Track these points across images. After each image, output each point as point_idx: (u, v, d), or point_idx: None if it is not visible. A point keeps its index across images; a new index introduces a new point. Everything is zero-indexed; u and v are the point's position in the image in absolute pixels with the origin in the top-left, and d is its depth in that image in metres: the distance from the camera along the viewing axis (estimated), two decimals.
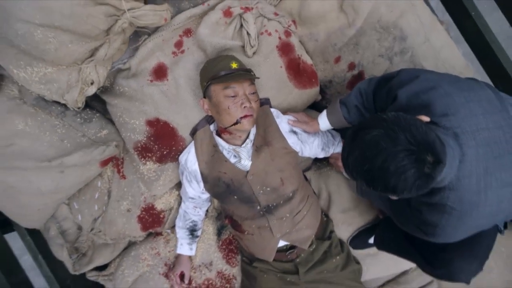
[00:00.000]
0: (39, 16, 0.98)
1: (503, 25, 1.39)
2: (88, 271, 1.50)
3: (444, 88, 0.82)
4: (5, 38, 1.02)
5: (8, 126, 1.18)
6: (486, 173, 0.77)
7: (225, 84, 1.02)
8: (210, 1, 1.13)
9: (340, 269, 1.29)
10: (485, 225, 0.85)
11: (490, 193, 0.77)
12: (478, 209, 0.78)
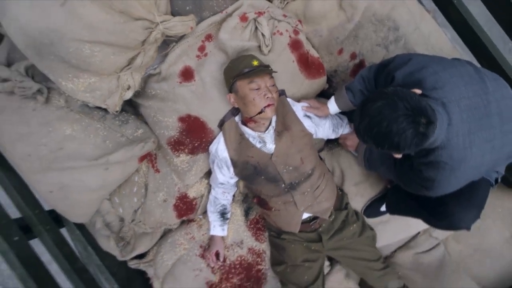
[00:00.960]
0: (87, 34, 1.19)
1: (483, 8, 1.62)
2: (130, 259, 1.71)
3: (432, 67, 1.04)
4: (58, 55, 1.23)
5: (58, 132, 1.39)
6: (469, 133, 0.99)
7: (249, 79, 1.23)
8: (228, 9, 1.35)
9: (358, 235, 1.51)
10: (473, 176, 1.07)
11: (474, 149, 0.99)
12: (466, 162, 1.00)
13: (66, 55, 1.22)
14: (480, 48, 1.52)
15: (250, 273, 1.58)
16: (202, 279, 1.60)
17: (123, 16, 1.18)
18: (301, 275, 1.44)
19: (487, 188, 1.19)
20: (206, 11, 1.35)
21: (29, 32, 1.20)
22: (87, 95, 1.34)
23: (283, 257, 1.48)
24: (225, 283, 1.59)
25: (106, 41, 1.20)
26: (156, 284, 1.66)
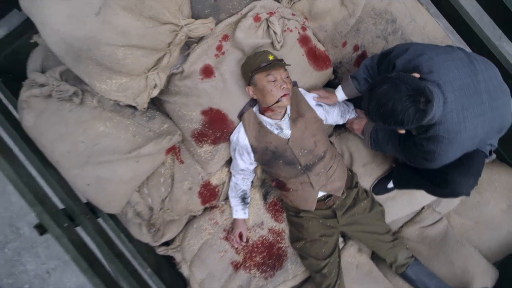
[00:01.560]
0: (121, 39, 1.35)
1: None
2: (158, 247, 1.88)
3: (428, 54, 1.21)
4: (94, 60, 1.39)
5: (93, 130, 1.54)
6: (463, 109, 1.16)
7: (266, 72, 1.39)
8: (242, 10, 1.51)
9: (368, 211, 1.68)
10: (468, 147, 1.24)
11: (467, 123, 1.16)
12: (461, 135, 1.17)
13: (101, 59, 1.38)
14: (471, 35, 1.69)
15: (271, 251, 1.74)
16: (227, 260, 1.77)
17: (152, 21, 1.34)
18: (319, 249, 1.60)
19: (482, 159, 1.36)
20: (222, 13, 1.51)
21: (68, 41, 1.35)
22: (119, 95, 1.50)
23: (301, 233, 1.64)
24: (249, 262, 1.75)
25: (137, 45, 1.36)
26: (185, 268, 1.82)
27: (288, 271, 1.74)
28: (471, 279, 1.80)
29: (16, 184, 1.31)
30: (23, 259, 2.97)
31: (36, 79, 1.57)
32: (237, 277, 1.75)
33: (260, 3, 1.52)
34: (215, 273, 1.77)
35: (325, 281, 1.58)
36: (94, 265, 1.35)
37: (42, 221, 1.31)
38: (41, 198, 1.35)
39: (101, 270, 1.37)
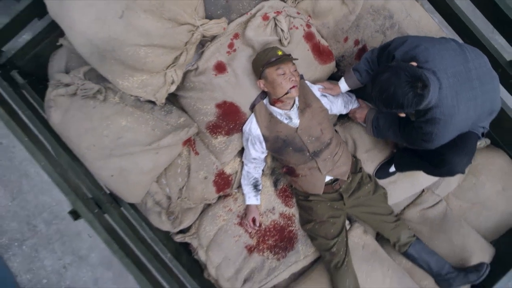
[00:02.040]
0: (143, 40, 1.48)
1: None
2: (175, 234, 2.01)
3: (423, 45, 1.34)
4: (118, 59, 1.52)
5: (116, 124, 1.67)
6: (456, 94, 1.29)
7: (276, 66, 1.52)
8: (251, 10, 1.65)
9: (372, 193, 1.81)
10: (462, 128, 1.37)
11: (461, 106, 1.29)
12: (455, 117, 1.30)
13: (125, 58, 1.51)
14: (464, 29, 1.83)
15: (283, 234, 1.87)
16: (241, 244, 1.89)
17: (171, 22, 1.47)
18: (328, 229, 1.74)
19: (475, 140, 1.49)
20: (233, 14, 1.64)
21: (94, 42, 1.49)
22: (140, 91, 1.63)
23: (311, 216, 1.78)
24: (262, 245, 1.88)
25: (158, 44, 1.49)
26: (201, 253, 1.95)
27: (299, 252, 1.87)
28: (470, 256, 1.93)
29: (51, 174, 1.44)
30: (40, 255, 3.09)
31: (61, 79, 1.70)
32: (251, 259, 1.88)
33: (268, 3, 1.65)
34: (230, 256, 1.89)
35: (334, 258, 1.71)
36: (123, 247, 1.47)
37: (76, 208, 1.44)
38: (73, 187, 1.48)
39: (130, 252, 1.50)
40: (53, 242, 3.11)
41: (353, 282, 1.71)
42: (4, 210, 3.08)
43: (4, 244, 3.06)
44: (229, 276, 1.89)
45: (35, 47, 1.88)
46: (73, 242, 3.12)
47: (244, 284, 1.88)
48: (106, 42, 1.48)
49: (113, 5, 1.44)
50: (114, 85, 1.64)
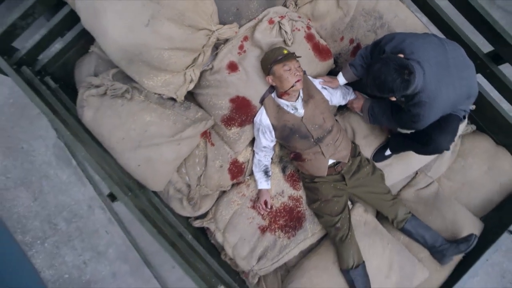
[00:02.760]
0: (167, 44, 1.71)
1: None
2: (193, 219, 2.22)
3: (409, 40, 1.58)
4: (145, 61, 1.75)
5: (142, 119, 1.90)
6: (438, 80, 1.53)
7: (283, 63, 1.76)
8: (259, 16, 1.89)
9: (371, 174, 2.03)
10: (445, 109, 1.61)
11: (442, 89, 1.53)
12: (438, 99, 1.53)
13: (151, 61, 1.75)
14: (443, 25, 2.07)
15: (292, 214, 2.09)
16: (255, 225, 2.11)
17: (191, 28, 1.71)
18: (333, 207, 1.96)
19: (457, 121, 1.73)
20: (243, 19, 1.89)
21: (124, 48, 1.72)
22: (163, 89, 1.86)
23: (317, 196, 2.00)
24: (274, 225, 2.10)
25: (180, 47, 1.73)
26: (219, 235, 2.16)
27: (307, 230, 2.09)
28: (460, 230, 2.15)
29: (91, 163, 1.66)
30: (61, 252, 3.29)
31: (92, 82, 1.93)
32: (264, 239, 2.09)
33: (272, 9, 1.90)
34: (245, 237, 2.11)
35: (339, 233, 1.93)
36: (155, 226, 1.69)
37: (113, 191, 1.65)
38: (109, 174, 1.70)
39: (160, 230, 1.71)
40: (73, 239, 3.31)
41: (357, 253, 1.92)
42: (26, 211, 3.28)
43: (28, 242, 3.26)
44: (245, 255, 2.10)
45: (64, 55, 2.11)
46: (91, 239, 3.32)
47: (258, 261, 2.09)
48: (135, 47, 1.71)
49: (140, 16, 1.68)
50: (140, 84, 1.87)
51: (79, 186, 3.34)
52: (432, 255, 2.13)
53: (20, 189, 3.30)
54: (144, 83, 1.84)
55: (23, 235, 3.27)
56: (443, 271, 2.15)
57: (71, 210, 3.32)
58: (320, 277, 2.02)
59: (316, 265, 2.05)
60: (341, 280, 1.99)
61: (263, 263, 2.09)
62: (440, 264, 2.11)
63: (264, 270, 2.10)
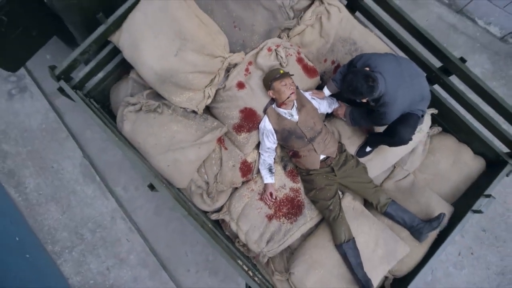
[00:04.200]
0: (191, 68, 2.28)
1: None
2: (211, 213, 2.69)
3: (373, 57, 2.16)
4: (174, 82, 2.31)
5: (170, 129, 2.42)
6: (396, 86, 2.09)
7: (280, 80, 2.32)
8: (260, 46, 2.48)
9: (355, 167, 2.54)
10: (403, 108, 2.15)
11: (400, 93, 2.09)
12: (397, 100, 2.09)
13: (178, 82, 2.30)
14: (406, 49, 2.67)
15: (293, 203, 2.58)
16: (263, 214, 2.58)
17: (209, 56, 2.29)
18: (326, 193, 2.46)
19: (416, 118, 2.27)
20: (248, 49, 2.48)
21: (158, 72, 2.28)
22: (187, 104, 2.41)
23: (312, 185, 2.50)
24: (278, 213, 2.57)
25: (201, 71, 2.30)
26: (233, 225, 2.62)
27: (306, 216, 2.56)
28: (433, 211, 2.64)
29: (135, 161, 2.16)
30: (87, 260, 3.69)
31: (129, 101, 2.48)
32: (271, 225, 2.56)
33: (270, 41, 2.50)
34: (255, 224, 2.57)
35: (331, 214, 2.41)
36: (186, 209, 2.17)
37: (152, 183, 2.14)
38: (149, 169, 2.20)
39: (190, 213, 2.18)
40: (98, 247, 3.72)
41: (347, 230, 2.40)
42: (56, 223, 3.72)
43: (57, 251, 3.67)
44: (255, 239, 2.56)
45: (103, 83, 2.67)
46: (114, 247, 3.74)
47: (267, 244, 2.55)
48: (166, 72, 2.28)
49: (170, 48, 2.26)
50: (169, 101, 2.42)
51: (103, 200, 3.79)
52: (411, 234, 2.59)
53: (51, 204, 3.75)
54: (172, 100, 2.39)
55: (53, 245, 3.68)
56: (422, 248, 2.60)
57: (96, 221, 3.76)
58: (319, 254, 2.47)
59: (315, 244, 2.51)
60: (336, 255, 2.45)
61: (271, 246, 2.54)
62: (418, 241, 2.57)
63: (272, 251, 2.55)
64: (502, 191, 4.15)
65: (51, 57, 4.00)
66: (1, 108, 3.84)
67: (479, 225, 4.10)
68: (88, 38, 2.31)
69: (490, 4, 3.92)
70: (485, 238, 4.09)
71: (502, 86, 4.28)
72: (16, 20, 2.76)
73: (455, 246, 4.04)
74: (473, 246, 4.07)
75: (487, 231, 4.10)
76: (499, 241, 4.08)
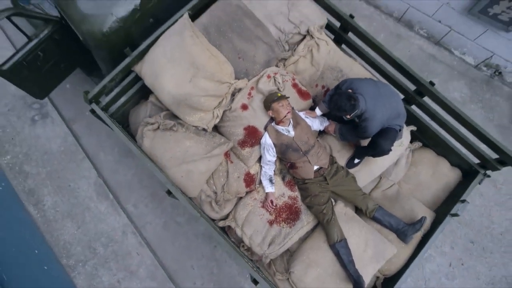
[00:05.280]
0: (203, 93, 2.75)
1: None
2: (218, 220, 3.06)
3: (355, 82, 2.64)
4: (187, 104, 2.77)
5: (184, 144, 2.86)
6: (375, 104, 2.55)
7: (278, 102, 2.79)
8: (260, 73, 2.97)
9: (345, 176, 2.96)
10: (382, 123, 2.61)
11: (377, 110, 2.55)
12: (376, 116, 2.55)
13: (192, 104, 2.77)
14: (386, 75, 3.17)
15: (291, 209, 2.96)
16: (264, 219, 2.96)
17: (218, 82, 2.77)
18: (320, 199, 2.85)
19: (394, 132, 2.72)
20: (250, 76, 2.97)
21: (174, 96, 2.75)
22: (199, 123, 2.86)
23: (308, 193, 2.90)
24: (278, 219, 2.95)
25: (211, 94, 2.77)
26: (238, 230, 2.99)
27: (303, 220, 2.94)
28: (416, 216, 3.03)
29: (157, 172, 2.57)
30: (99, 273, 3.98)
31: (148, 121, 2.93)
32: (272, 229, 2.93)
33: (269, 69, 3.00)
34: (258, 229, 2.94)
35: (325, 217, 2.80)
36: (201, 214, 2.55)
37: (170, 189, 2.54)
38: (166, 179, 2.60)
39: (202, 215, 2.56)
40: (109, 261, 4.02)
41: (339, 231, 2.78)
42: (71, 238, 4.05)
43: (71, 265, 3.97)
44: (259, 242, 2.92)
45: (124, 106, 3.13)
46: (125, 260, 4.04)
47: (269, 247, 2.90)
48: (182, 96, 2.74)
49: (185, 76, 2.74)
50: (183, 120, 2.87)
51: (115, 216, 4.15)
52: (397, 236, 2.97)
53: (67, 220, 4.10)
54: (186, 119, 2.85)
55: (68, 259, 3.99)
56: (407, 249, 2.97)
57: (108, 236, 4.09)
58: (315, 254, 2.83)
59: (312, 246, 2.88)
60: (330, 254, 2.80)
61: (273, 248, 2.89)
62: (404, 242, 2.94)
63: (273, 253, 2.90)
64: (486, 204, 4.55)
65: (70, 86, 4.51)
66: (25, 132, 4.29)
67: (467, 237, 4.45)
68: (116, 68, 2.80)
69: (462, 37, 4.50)
70: (473, 249, 4.42)
71: (479, 109, 4.78)
72: (50, 55, 3.28)
73: (446, 257, 4.38)
74: (463, 257, 4.39)
75: (475, 243, 4.44)
76: (486, 252, 4.41)
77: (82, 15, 2.77)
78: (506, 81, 4.70)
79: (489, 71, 4.72)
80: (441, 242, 4.42)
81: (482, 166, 3.10)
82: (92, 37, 2.79)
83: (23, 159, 4.22)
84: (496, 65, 4.57)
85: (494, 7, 3.74)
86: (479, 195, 4.54)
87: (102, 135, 4.41)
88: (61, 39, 3.24)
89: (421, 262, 4.31)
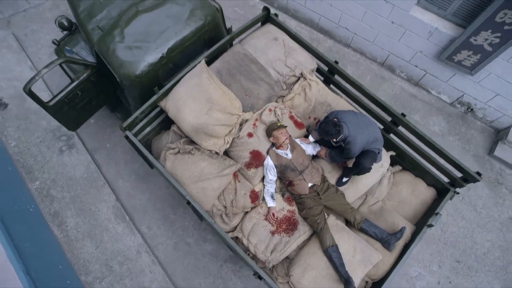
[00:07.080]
0: (217, 122, 3.48)
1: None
2: (228, 232, 3.65)
3: (340, 113, 3.40)
4: (204, 132, 3.49)
5: (200, 165, 3.54)
6: (355, 130, 3.29)
7: (278, 130, 3.52)
8: (263, 107, 3.73)
9: (335, 192, 3.62)
10: (363, 145, 3.32)
11: (358, 135, 3.28)
12: (357, 140, 3.27)
13: (207, 131, 3.49)
14: (367, 108, 3.93)
15: (290, 221, 3.57)
16: (267, 230, 3.56)
17: (229, 114, 3.51)
18: (314, 211, 3.48)
19: (374, 154, 3.42)
20: (255, 109, 3.74)
21: (193, 126, 3.49)
22: (212, 147, 3.57)
23: (303, 206, 3.53)
24: (279, 229, 3.55)
25: (223, 123, 3.50)
26: (244, 240, 3.58)
27: (300, 230, 3.55)
28: (397, 227, 3.65)
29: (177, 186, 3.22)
30: None
31: (170, 146, 3.63)
32: (274, 238, 3.53)
33: (270, 104, 3.78)
34: (262, 238, 3.54)
35: (319, 226, 3.42)
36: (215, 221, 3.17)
37: (189, 200, 3.17)
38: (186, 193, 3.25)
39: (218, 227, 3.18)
40: (124, 278, 4.52)
41: (331, 238, 3.38)
42: (90, 256, 4.57)
43: (89, 281, 4.46)
44: (262, 250, 3.50)
45: (148, 135, 3.85)
46: (138, 277, 4.54)
47: (271, 254, 3.48)
48: (200, 125, 3.47)
49: (203, 109, 3.49)
50: (199, 145, 3.58)
51: (131, 236, 4.70)
52: (382, 245, 3.56)
53: (87, 240, 4.64)
54: (202, 144, 3.56)
55: (86, 276, 4.48)
56: (391, 256, 3.55)
57: (124, 254, 4.61)
58: (311, 259, 3.41)
59: (308, 252, 3.46)
60: (324, 259, 3.39)
61: (274, 255, 3.47)
62: (388, 250, 3.52)
63: (275, 259, 3.47)
64: (469, 227, 5.15)
65: (94, 121, 5.26)
66: (53, 161, 4.96)
67: (453, 257, 4.99)
68: (145, 103, 3.55)
69: (437, 79, 5.36)
70: (459, 268, 4.95)
71: (457, 141, 5.53)
72: (86, 93, 4.06)
73: (435, 276, 4.89)
74: (450, 276, 4.90)
75: (461, 263, 4.97)
76: (472, 271, 4.93)
77: (120, 61, 3.57)
78: (478, 117, 5.49)
79: (463, 108, 5.53)
80: (429, 262, 4.95)
81: (451, 184, 3.76)
82: (128, 78, 3.57)
83: (50, 185, 4.85)
84: (468, 103, 5.39)
85: (457, 55, 4.62)
86: (461, 218, 5.16)
87: (120, 164, 5.09)
88: (96, 81, 4.03)
89: (412, 281, 4.82)
